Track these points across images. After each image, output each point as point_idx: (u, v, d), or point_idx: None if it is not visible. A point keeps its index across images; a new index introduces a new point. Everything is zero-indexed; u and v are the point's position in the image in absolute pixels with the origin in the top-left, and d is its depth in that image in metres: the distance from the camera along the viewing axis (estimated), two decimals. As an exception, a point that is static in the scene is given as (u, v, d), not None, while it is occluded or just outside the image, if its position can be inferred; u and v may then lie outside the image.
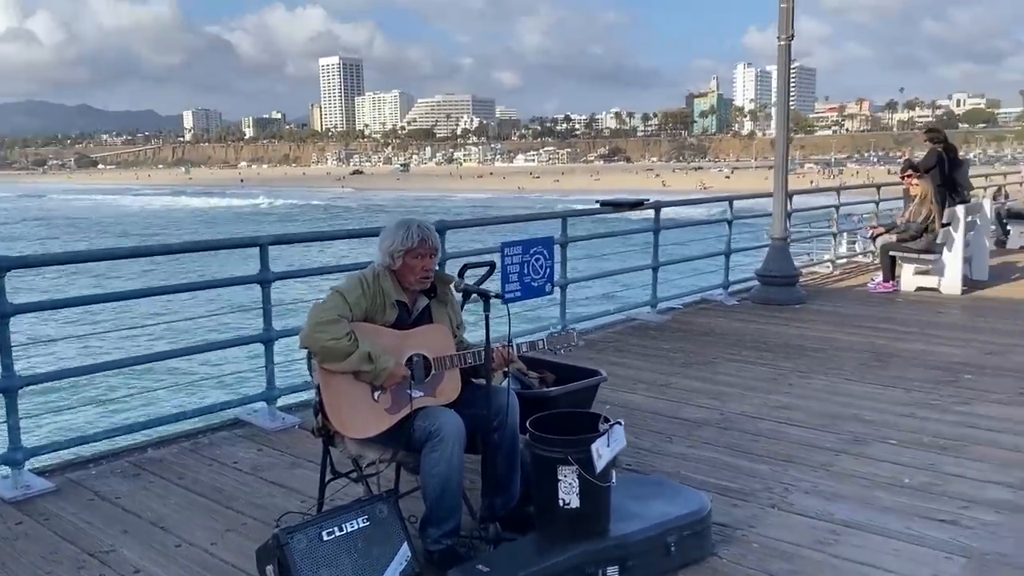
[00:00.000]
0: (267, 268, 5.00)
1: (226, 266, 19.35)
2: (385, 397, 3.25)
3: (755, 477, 4.14)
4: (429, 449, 3.20)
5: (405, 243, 3.34)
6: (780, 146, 8.82)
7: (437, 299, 3.52)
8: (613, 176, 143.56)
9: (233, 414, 5.13)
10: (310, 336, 3.16)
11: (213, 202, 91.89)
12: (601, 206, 7.45)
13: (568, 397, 3.90)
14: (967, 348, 6.73)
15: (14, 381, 4.04)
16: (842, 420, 5.00)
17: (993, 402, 5.32)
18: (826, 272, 10.99)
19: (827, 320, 7.98)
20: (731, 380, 5.94)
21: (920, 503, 3.80)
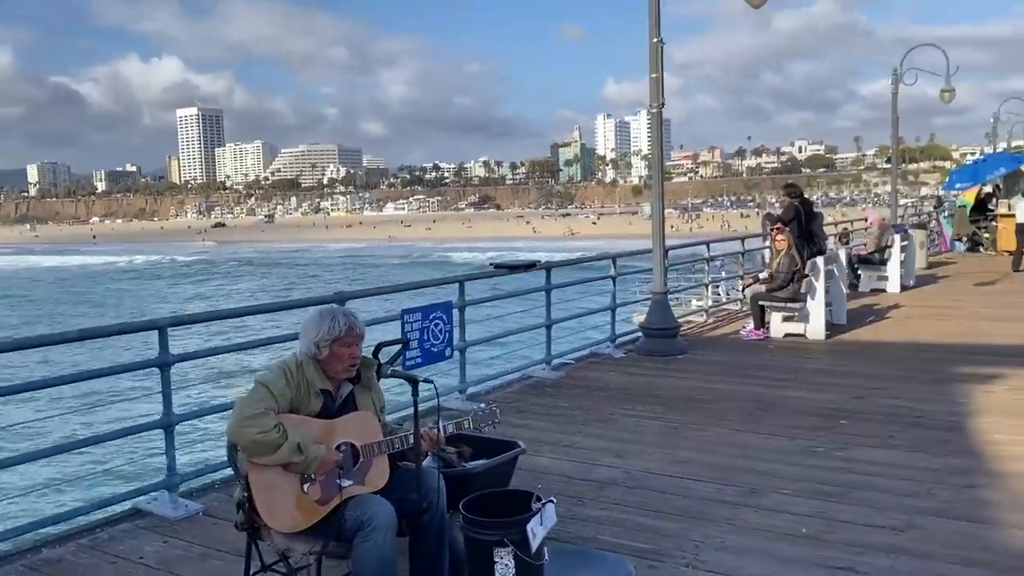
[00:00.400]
0: (167, 351, 4.85)
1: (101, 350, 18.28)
2: (315, 488, 3.23)
3: (667, 536, 4.32)
4: (361, 539, 3.20)
5: (332, 332, 3.36)
6: (656, 207, 9.29)
7: (361, 384, 3.54)
8: (485, 224, 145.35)
9: (131, 504, 4.91)
10: (238, 431, 3.12)
11: (65, 260, 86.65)
12: (495, 268, 7.62)
13: (490, 472, 3.99)
14: (837, 393, 7.24)
15: None
16: (737, 472, 5.29)
17: (867, 446, 5.75)
18: (700, 321, 11.55)
19: (709, 370, 8.40)
20: (630, 436, 6.17)
21: (818, 552, 4.08)
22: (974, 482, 4.98)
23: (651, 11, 8.95)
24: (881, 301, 12.79)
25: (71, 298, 49.78)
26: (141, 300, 48.31)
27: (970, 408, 6.61)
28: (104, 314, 40.43)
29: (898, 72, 18.93)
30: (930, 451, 5.57)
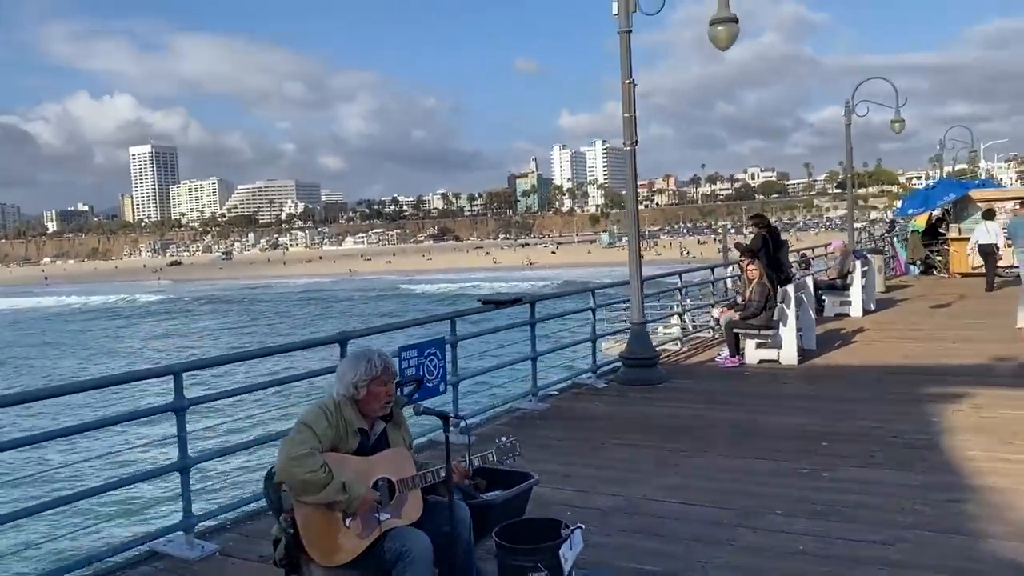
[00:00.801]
0: (181, 395, 4.99)
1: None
2: (355, 523, 3.41)
3: (674, 558, 4.54)
4: (400, 570, 3.38)
5: (369, 372, 3.56)
6: (632, 242, 9.57)
7: (392, 422, 3.74)
8: (445, 255, 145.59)
9: (148, 547, 5.00)
10: (287, 470, 3.29)
11: (17, 303, 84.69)
12: (483, 305, 7.85)
13: (508, 503, 4.18)
14: (816, 416, 7.56)
15: (-69, 539, 3.83)
16: (732, 496, 5.54)
17: (850, 466, 6.05)
18: (675, 349, 11.86)
19: (691, 398, 8.68)
20: (624, 465, 6.39)
21: (817, 567, 4.34)
22: (955, 497, 5.29)
23: (622, 55, 9.32)
24: (846, 325, 13.25)
25: (30, 340, 48.73)
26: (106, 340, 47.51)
27: (942, 427, 6.96)
28: (64, 355, 39.71)
29: (850, 104, 19.68)
30: (910, 469, 5.89)
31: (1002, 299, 15.76)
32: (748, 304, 10.38)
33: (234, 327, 51.77)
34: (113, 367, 31.24)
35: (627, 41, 9.27)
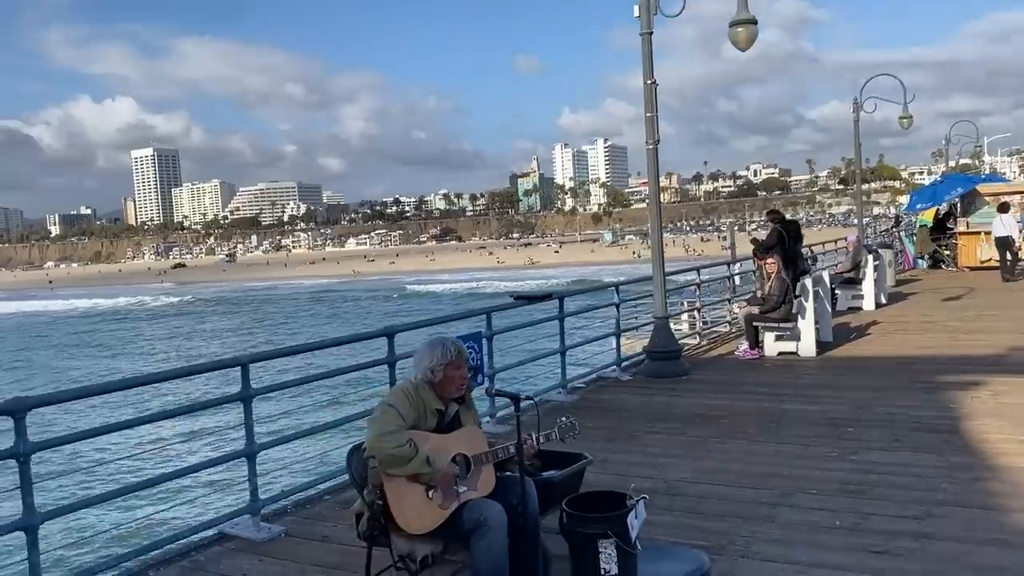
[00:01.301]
0: (248, 385, 5.27)
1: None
2: (437, 495, 3.70)
3: (717, 534, 4.83)
4: (478, 537, 3.66)
5: (445, 357, 3.85)
6: (655, 238, 9.87)
7: (464, 404, 4.04)
8: (448, 256, 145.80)
9: (217, 529, 5.29)
10: (378, 445, 3.58)
11: (24, 307, 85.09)
12: (515, 300, 8.14)
13: (567, 480, 4.47)
14: (838, 404, 7.84)
15: (35, 518, 4.12)
16: (765, 477, 5.82)
17: (876, 449, 6.33)
18: (694, 343, 12.14)
19: (715, 389, 8.97)
20: (658, 451, 6.68)
21: (856, 539, 4.62)
22: (979, 476, 5.57)
23: (644, 56, 9.59)
24: (859, 319, 13.52)
25: (42, 343, 49.07)
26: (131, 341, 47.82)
27: (961, 413, 7.24)
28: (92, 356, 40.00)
29: (859, 99, 19.93)
30: (934, 451, 6.17)
31: (1013, 292, 16.05)
32: (768, 298, 10.66)
33: (252, 328, 51.84)
34: (143, 367, 31.52)
35: (649, 43, 9.54)
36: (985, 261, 20.03)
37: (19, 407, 4.05)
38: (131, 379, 5.01)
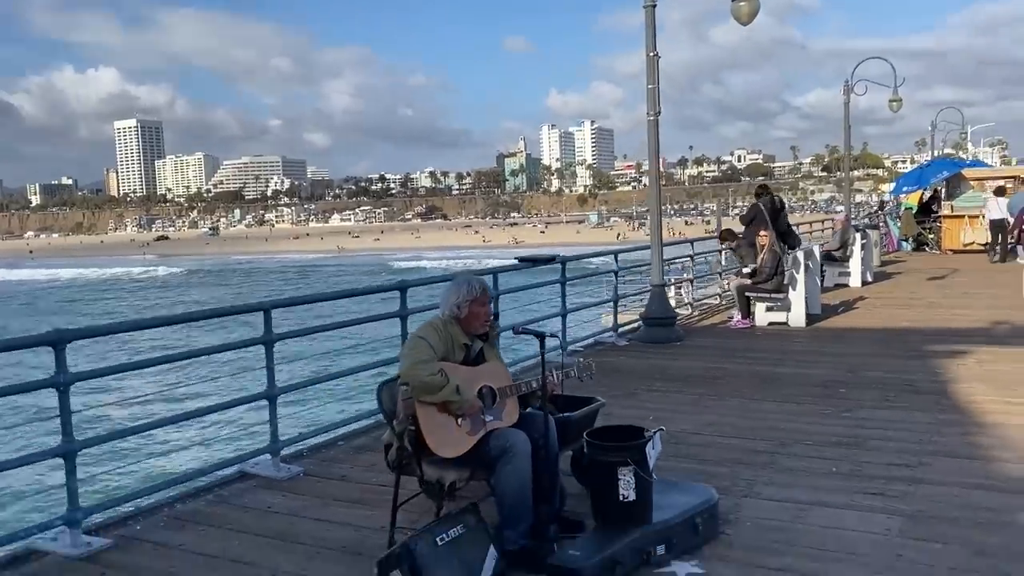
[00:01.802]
0: (270, 331, 5.44)
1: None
2: (466, 423, 3.91)
3: (722, 478, 5.06)
4: (504, 463, 3.88)
5: (471, 294, 4.06)
6: (653, 207, 10.09)
7: (488, 342, 4.24)
8: (433, 234, 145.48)
9: (237, 468, 5.47)
10: (412, 373, 3.78)
11: (6, 275, 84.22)
12: (520, 262, 8.33)
13: (583, 419, 4.70)
14: (830, 368, 8.12)
15: (73, 445, 4.29)
16: (763, 430, 6.07)
17: (868, 407, 6.60)
18: (686, 313, 12.40)
19: (710, 353, 9.22)
20: (658, 406, 6.91)
21: (852, 483, 4.88)
22: (967, 431, 5.85)
23: (647, 28, 9.75)
24: (846, 294, 13.83)
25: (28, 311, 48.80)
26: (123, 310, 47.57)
27: (949, 376, 7.53)
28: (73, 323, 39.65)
29: (849, 82, 20.20)
30: (924, 410, 6.44)
31: (996, 272, 16.42)
32: (760, 270, 10.91)
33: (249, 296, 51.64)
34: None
35: (652, 14, 9.70)
36: (968, 244, 20.43)
37: (60, 338, 4.21)
38: (162, 318, 5.15)
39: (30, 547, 4.28)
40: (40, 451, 4.27)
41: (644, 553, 3.80)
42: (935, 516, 4.33)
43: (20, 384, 4.22)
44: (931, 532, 4.12)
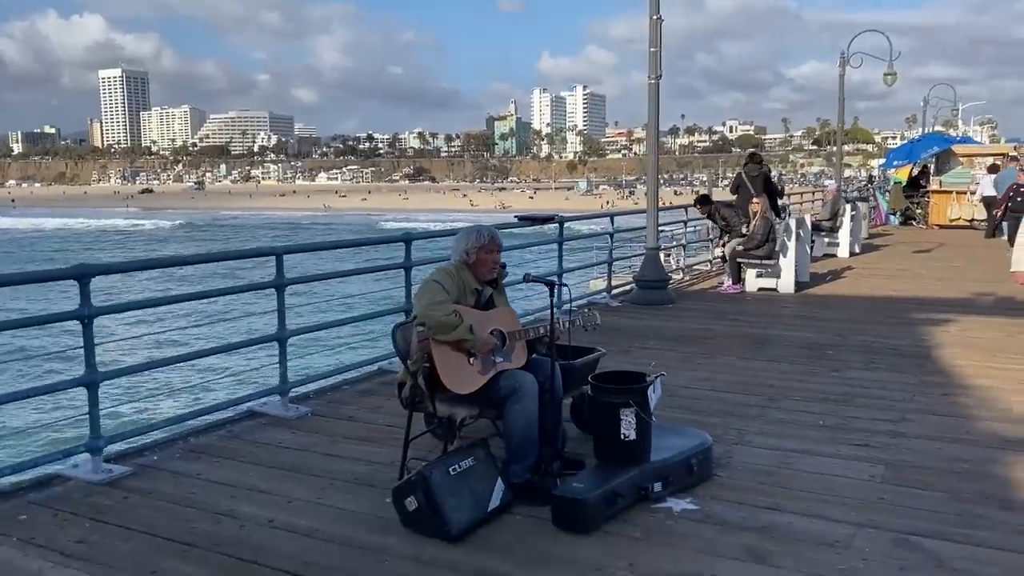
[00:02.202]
0: (282, 275, 5.60)
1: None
2: (477, 362, 4.10)
3: (713, 427, 5.27)
4: (513, 402, 4.08)
5: (479, 241, 4.23)
6: (651, 171, 10.24)
7: (497, 289, 4.42)
8: (421, 196, 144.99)
9: (247, 406, 5.66)
10: (428, 313, 3.96)
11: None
12: (520, 220, 8.49)
13: (584, 366, 4.90)
14: (819, 332, 8.36)
15: (96, 376, 4.46)
16: (753, 386, 6.31)
17: (855, 368, 6.85)
18: (679, 278, 12.62)
19: (701, 315, 9.45)
20: (651, 363, 7.12)
21: (838, 435, 5.12)
22: (949, 392, 6.10)
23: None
24: (834, 264, 14.09)
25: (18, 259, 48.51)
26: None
27: (932, 342, 7.79)
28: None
29: (845, 54, 20.29)
30: (907, 372, 6.69)
31: (982, 247, 16.72)
32: (752, 236, 11.12)
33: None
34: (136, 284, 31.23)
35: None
36: (955, 219, 20.74)
37: (85, 272, 4.35)
38: (179, 257, 5.33)
39: (53, 473, 4.46)
40: (65, 380, 4.42)
41: (642, 489, 4.02)
42: (916, 466, 4.57)
43: (47, 315, 4.38)
44: (912, 480, 4.36)
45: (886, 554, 3.50)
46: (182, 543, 3.66)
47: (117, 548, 3.62)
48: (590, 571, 3.38)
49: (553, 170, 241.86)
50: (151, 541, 3.69)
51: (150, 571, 3.40)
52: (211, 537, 3.71)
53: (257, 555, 3.53)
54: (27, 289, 26.96)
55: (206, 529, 3.80)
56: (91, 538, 3.73)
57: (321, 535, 3.72)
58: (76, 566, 3.46)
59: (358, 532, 3.75)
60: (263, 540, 3.68)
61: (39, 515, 3.98)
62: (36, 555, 3.56)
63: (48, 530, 3.80)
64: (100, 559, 3.51)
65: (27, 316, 4.39)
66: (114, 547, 3.63)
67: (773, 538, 3.66)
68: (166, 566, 3.45)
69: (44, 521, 3.91)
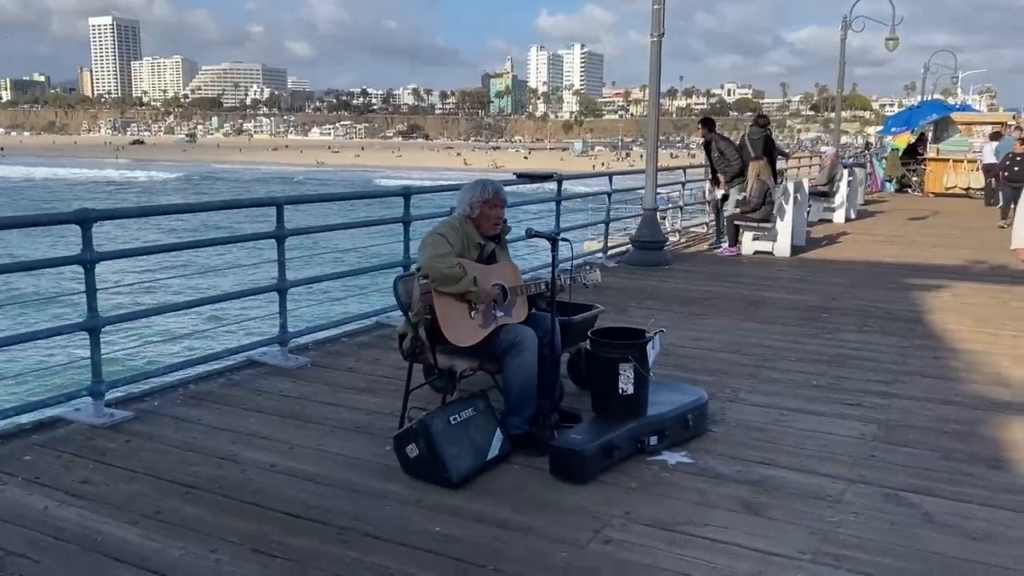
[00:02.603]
0: (282, 225, 5.60)
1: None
2: (478, 315, 4.14)
3: (708, 385, 5.31)
4: (513, 355, 4.12)
5: (483, 196, 4.24)
6: (652, 130, 10.20)
7: (499, 245, 4.44)
8: (414, 153, 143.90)
9: (245, 356, 5.69)
10: (432, 265, 3.98)
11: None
12: (519, 177, 8.49)
13: (583, 322, 4.95)
14: (813, 295, 8.42)
15: (98, 321, 4.48)
16: (748, 346, 6.37)
17: (848, 331, 6.92)
18: (675, 240, 12.65)
19: (697, 277, 9.50)
20: (647, 323, 7.15)
21: (832, 395, 5.19)
22: (940, 355, 6.18)
23: (656, -53, 9.70)
24: (830, 229, 14.13)
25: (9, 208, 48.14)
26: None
27: (925, 307, 7.86)
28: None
29: (848, 18, 20.12)
30: (900, 335, 6.77)
31: (976, 215, 16.79)
32: (748, 199, 11.12)
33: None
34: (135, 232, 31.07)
35: (662, -65, 9.64)
36: (950, 188, 20.76)
37: (86, 217, 4.35)
38: (182, 205, 5.32)
39: (56, 416, 4.50)
40: (67, 324, 4.44)
41: (639, 442, 4.09)
42: (907, 425, 4.65)
43: (50, 259, 4.39)
44: (903, 439, 4.44)
45: (876, 508, 3.58)
46: (185, 485, 3.72)
47: (121, 489, 3.67)
48: (586, 518, 3.45)
49: (549, 130, 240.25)
50: (154, 483, 3.74)
51: (154, 511, 3.46)
52: (214, 480, 3.77)
53: (259, 498, 3.59)
54: (9, 238, 26.87)
55: (209, 472, 3.86)
56: (95, 479, 3.78)
57: (323, 480, 3.78)
58: (81, 505, 3.51)
59: (360, 478, 3.81)
60: (265, 484, 3.74)
61: (43, 456, 4.03)
62: (41, 494, 3.61)
63: (53, 470, 3.85)
64: (105, 499, 3.57)
65: (31, 260, 4.39)
66: (118, 488, 3.69)
67: (766, 491, 3.73)
68: (170, 506, 3.50)
69: (48, 462, 3.95)
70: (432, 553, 3.14)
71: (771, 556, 3.15)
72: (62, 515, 3.41)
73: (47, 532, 3.26)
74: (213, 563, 3.04)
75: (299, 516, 3.42)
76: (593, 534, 3.31)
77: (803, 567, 3.08)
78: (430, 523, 3.38)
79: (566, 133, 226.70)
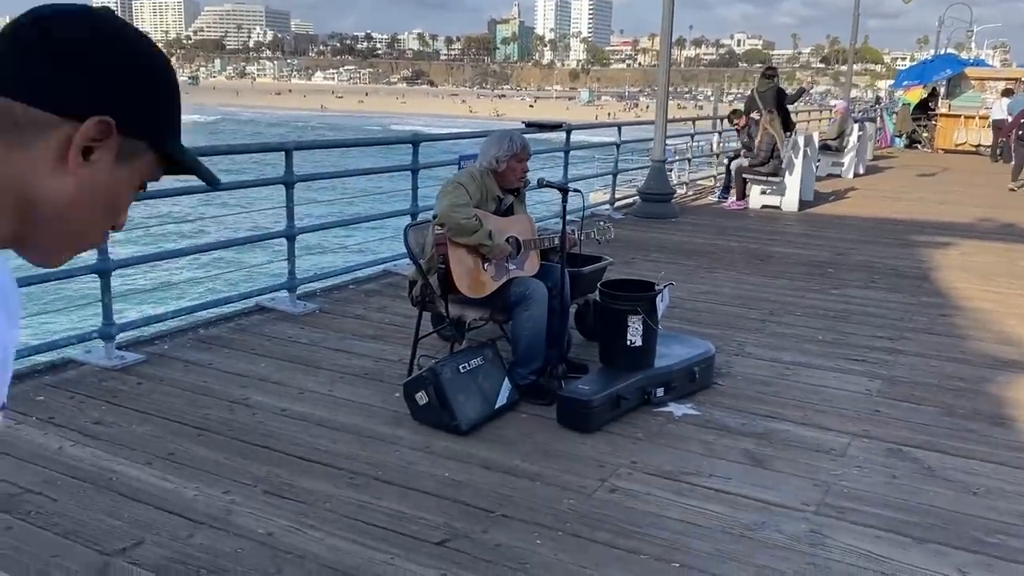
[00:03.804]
0: (291, 171, 5.57)
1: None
2: (491, 268, 4.14)
3: (714, 338, 5.34)
4: (522, 308, 4.14)
5: (511, 149, 4.20)
6: (662, 80, 10.08)
7: (518, 198, 4.43)
8: (419, 100, 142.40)
9: (255, 301, 5.72)
10: (449, 215, 3.97)
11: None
12: (527, 126, 8.40)
13: (592, 274, 4.96)
14: (820, 250, 8.42)
15: (108, 264, 4.49)
16: (754, 300, 6.39)
17: (854, 287, 6.93)
18: (682, 193, 12.58)
19: (704, 230, 9.48)
20: (652, 276, 7.11)
21: (836, 350, 5.22)
22: (946, 312, 6.19)
23: None
24: (838, 184, 14.04)
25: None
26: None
27: (932, 264, 7.86)
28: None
29: (864, -31, 19.71)
30: (906, 292, 6.78)
31: (985, 172, 16.68)
32: (756, 152, 11.04)
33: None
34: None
35: None
36: (960, 144, 20.56)
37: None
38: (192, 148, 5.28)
39: (67, 357, 4.53)
40: (77, 267, 4.45)
41: (646, 393, 4.12)
42: (911, 382, 4.69)
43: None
44: (907, 394, 4.48)
45: (879, 462, 3.62)
46: (197, 427, 3.77)
47: (134, 430, 3.73)
48: (593, 466, 3.50)
49: (555, 78, 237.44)
50: (166, 424, 3.79)
51: (167, 452, 3.51)
52: (225, 423, 3.82)
53: (271, 441, 3.64)
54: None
55: (220, 415, 3.90)
56: (108, 419, 3.83)
57: (333, 424, 3.83)
58: (94, 445, 3.56)
59: (370, 423, 3.86)
60: (276, 427, 3.79)
61: (56, 396, 4.07)
62: (56, 434, 3.66)
63: (66, 411, 3.90)
64: (118, 440, 3.62)
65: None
66: (131, 429, 3.74)
67: (771, 443, 3.78)
68: (182, 448, 3.56)
69: (61, 402, 4.00)
70: (441, 498, 3.19)
71: (775, 507, 3.20)
72: (77, 454, 3.46)
73: (63, 471, 3.31)
74: (227, 503, 3.10)
75: (310, 460, 3.48)
76: (600, 482, 3.36)
77: (806, 518, 3.13)
78: (439, 469, 3.43)
79: (572, 81, 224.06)
